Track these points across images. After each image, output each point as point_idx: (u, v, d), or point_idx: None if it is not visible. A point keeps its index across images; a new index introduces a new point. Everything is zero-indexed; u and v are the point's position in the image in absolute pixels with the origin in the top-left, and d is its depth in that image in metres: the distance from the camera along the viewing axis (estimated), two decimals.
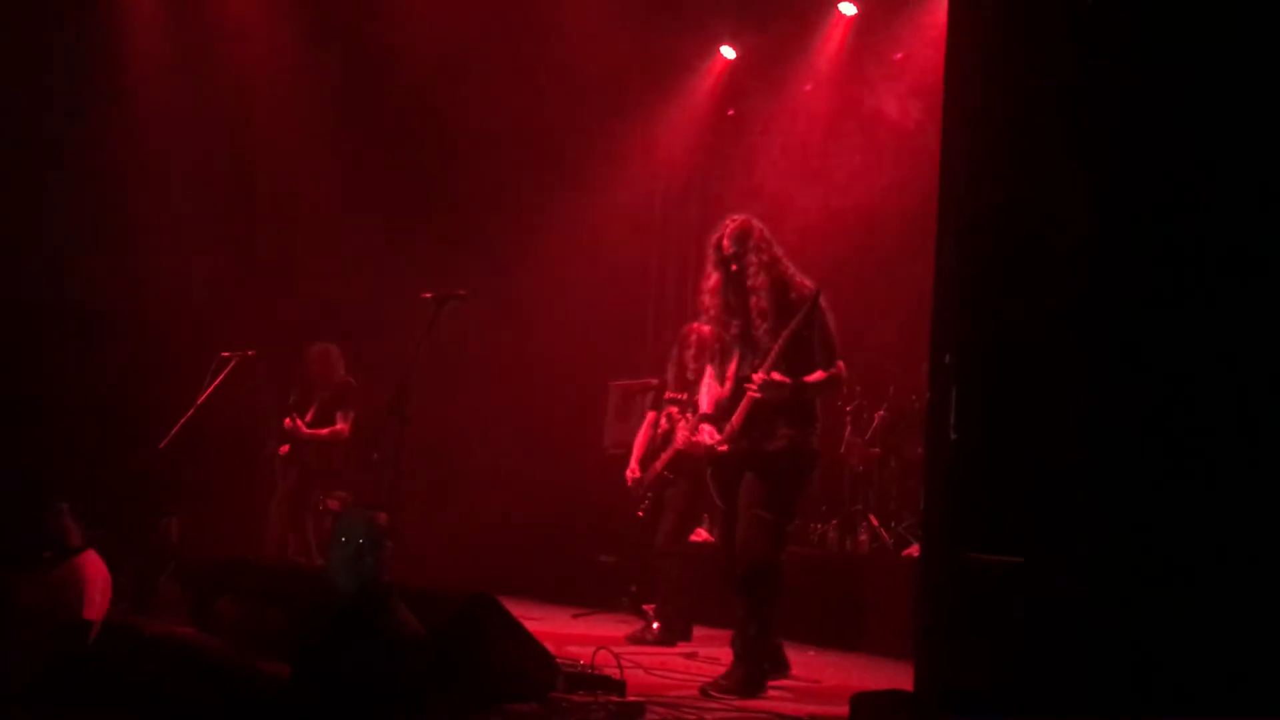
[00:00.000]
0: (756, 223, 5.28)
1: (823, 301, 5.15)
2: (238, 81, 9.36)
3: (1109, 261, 3.85)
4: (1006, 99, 4.26)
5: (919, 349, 5.58)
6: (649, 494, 6.91)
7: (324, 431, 7.70)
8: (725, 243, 5.23)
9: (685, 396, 6.83)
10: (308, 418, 7.77)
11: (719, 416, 5.31)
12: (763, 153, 9.66)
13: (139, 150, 9.02)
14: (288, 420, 7.70)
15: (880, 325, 8.04)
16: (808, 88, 9.39)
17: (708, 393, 5.51)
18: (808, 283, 5.22)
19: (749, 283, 5.16)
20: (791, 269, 5.27)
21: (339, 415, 7.74)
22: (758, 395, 5.05)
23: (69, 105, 8.73)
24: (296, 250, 9.55)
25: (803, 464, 5.23)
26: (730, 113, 10.09)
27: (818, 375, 5.14)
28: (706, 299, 5.32)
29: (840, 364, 5.23)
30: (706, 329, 6.96)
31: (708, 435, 5.29)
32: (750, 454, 5.17)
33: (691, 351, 6.84)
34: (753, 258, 5.17)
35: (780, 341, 5.04)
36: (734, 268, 5.20)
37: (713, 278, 5.28)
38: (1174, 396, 3.53)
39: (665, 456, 6.83)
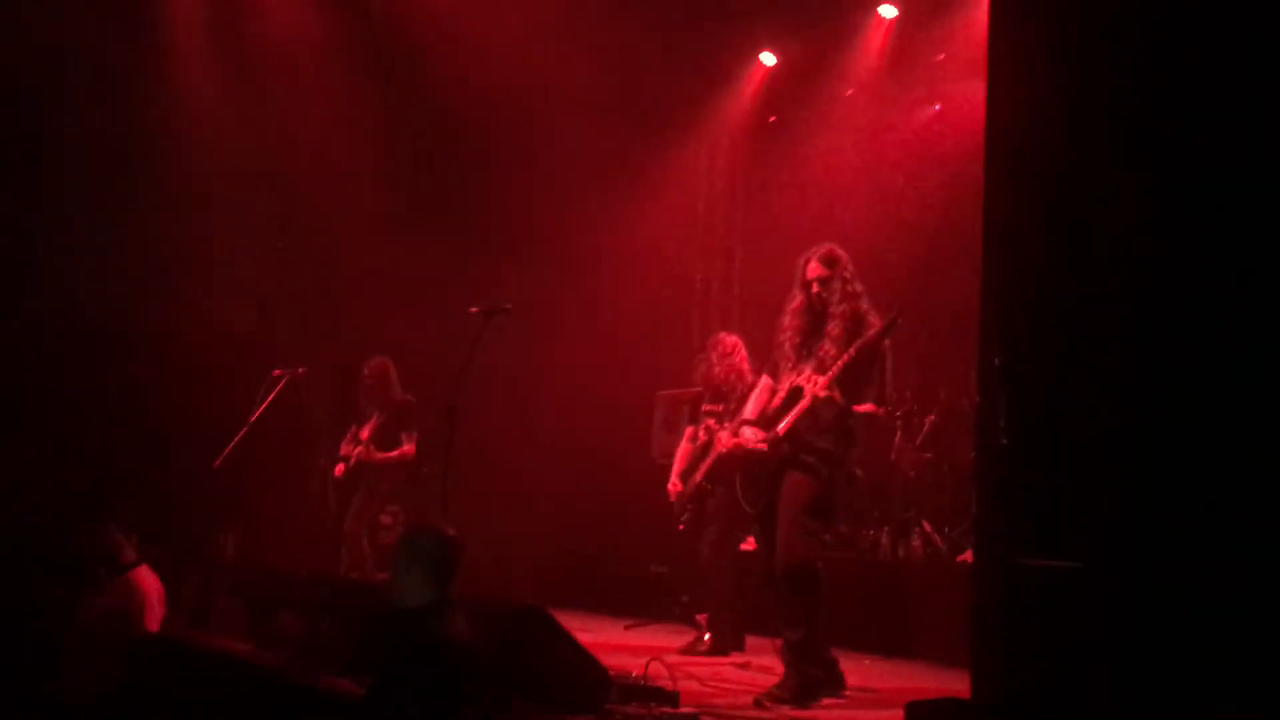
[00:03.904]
0: (842, 252, 5.36)
1: (888, 342, 5.19)
2: (283, 102, 9.45)
3: (1158, 262, 3.80)
4: (1049, 100, 4.22)
5: (968, 352, 5.56)
6: (690, 505, 6.91)
7: (394, 455, 7.71)
8: (815, 265, 5.32)
9: (721, 408, 6.84)
10: (365, 433, 7.81)
11: (762, 423, 5.34)
12: (805, 159, 9.63)
13: (187, 173, 9.13)
14: (359, 449, 7.71)
15: (930, 329, 7.98)
16: (849, 92, 9.35)
17: (756, 402, 5.52)
18: (879, 322, 5.27)
19: (831, 309, 5.25)
20: (868, 305, 5.32)
21: (403, 436, 7.74)
22: (810, 402, 5.08)
23: (108, 125, 8.85)
24: (344, 267, 9.64)
25: (839, 478, 5.28)
26: (772, 119, 10.07)
27: (867, 407, 5.21)
28: (788, 319, 5.37)
29: (884, 407, 5.37)
30: (732, 339, 7.02)
31: (749, 437, 5.31)
32: (790, 459, 5.21)
33: (717, 365, 6.87)
34: (838, 285, 5.27)
35: (849, 353, 5.09)
36: (816, 290, 5.26)
37: (797, 299, 5.35)
38: (1229, 399, 3.47)
39: (704, 467, 6.83)
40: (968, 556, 7.17)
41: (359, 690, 3.70)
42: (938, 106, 8.81)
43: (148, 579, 5.10)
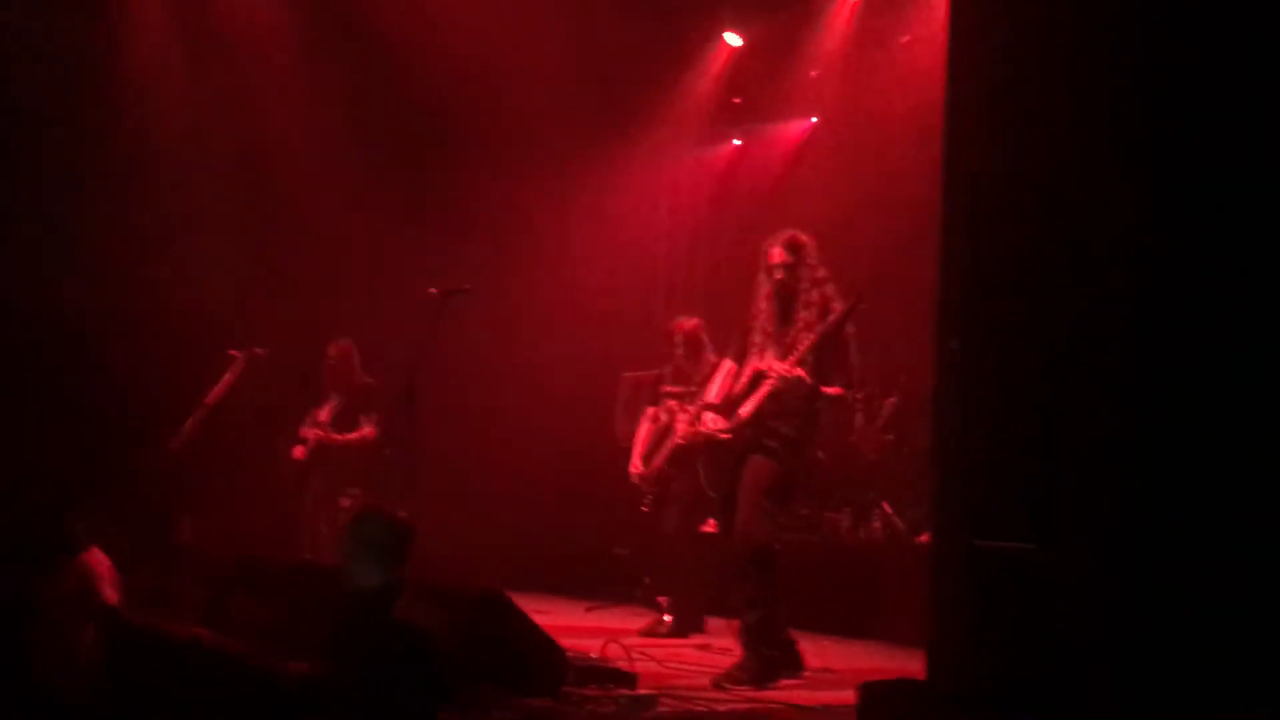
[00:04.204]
0: (805, 237, 5.37)
1: (850, 328, 5.18)
2: (244, 81, 9.33)
3: (1119, 243, 3.82)
4: (1010, 80, 4.23)
5: (929, 335, 5.58)
6: (652, 488, 6.91)
7: (353, 436, 7.68)
8: (778, 251, 5.32)
9: (682, 389, 6.84)
10: (324, 415, 7.76)
11: (726, 408, 5.34)
12: (769, 141, 9.62)
13: (144, 151, 9.00)
14: (319, 431, 7.67)
15: (891, 311, 7.99)
16: (813, 74, 9.34)
17: (720, 386, 5.53)
18: (843, 306, 5.26)
19: (802, 297, 5.25)
20: (833, 290, 5.32)
21: (363, 419, 7.71)
22: (778, 385, 5.08)
23: (75, 108, 8.73)
24: (304, 249, 9.54)
25: (800, 462, 5.30)
26: (736, 100, 10.05)
27: (835, 390, 5.23)
28: (760, 304, 5.37)
29: (850, 390, 5.38)
30: (692, 322, 7.03)
31: (711, 422, 5.32)
32: (752, 442, 5.21)
33: (680, 348, 6.89)
34: (804, 271, 5.28)
35: (814, 337, 5.08)
36: (780, 276, 5.25)
37: (766, 285, 5.36)
38: (1186, 379, 3.49)
39: (665, 450, 6.84)
40: (927, 538, 7.22)
41: (314, 675, 3.67)
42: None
43: (101, 560, 5.04)
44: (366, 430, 7.68)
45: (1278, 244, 3.41)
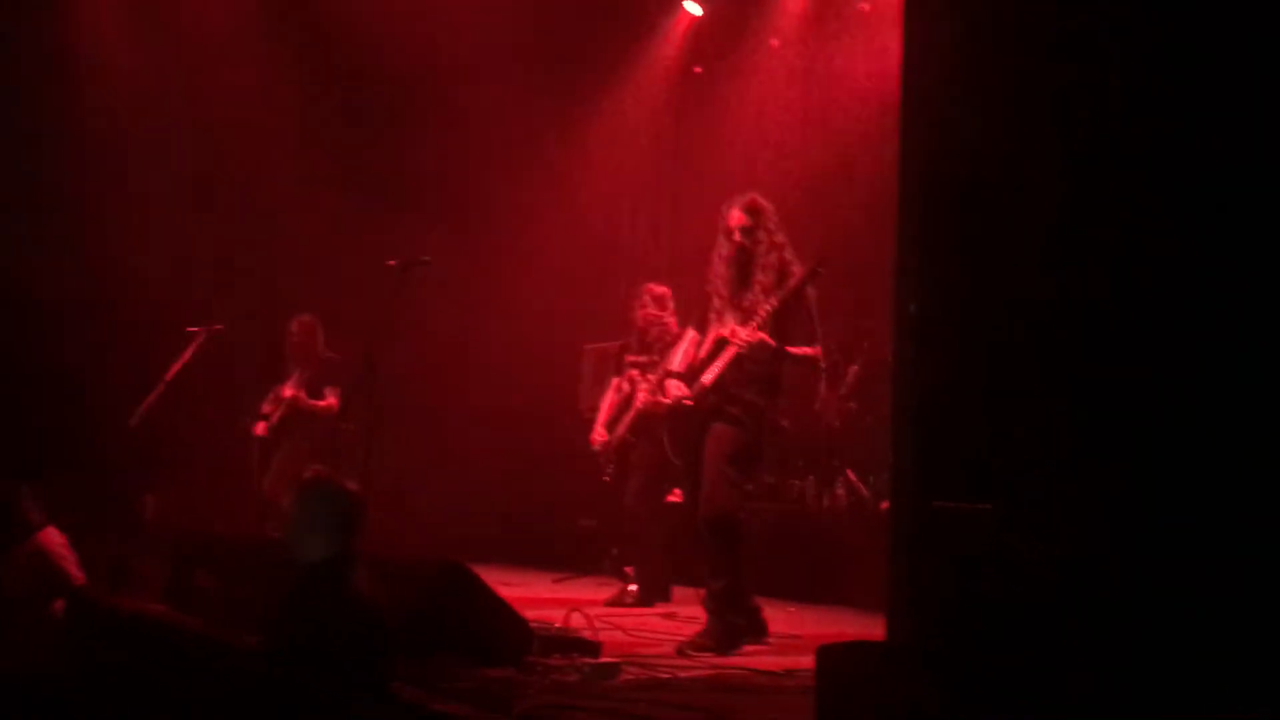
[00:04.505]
0: (765, 202, 5.35)
1: (812, 289, 5.18)
2: (195, 55, 9.22)
3: (1076, 211, 3.82)
4: (966, 49, 4.22)
5: (890, 302, 5.59)
6: (614, 458, 6.91)
7: (320, 405, 7.64)
8: (737, 213, 5.30)
9: (646, 359, 6.83)
10: (287, 391, 7.71)
11: (689, 376, 5.34)
12: (731, 110, 9.60)
13: (99, 130, 8.89)
14: (290, 390, 7.62)
15: (853, 280, 8.00)
16: (774, 43, 9.31)
17: (683, 354, 5.52)
18: (802, 271, 5.25)
19: (760, 260, 5.23)
20: (791, 255, 5.31)
21: (327, 391, 7.66)
22: (742, 349, 5.08)
23: (29, 89, 8.60)
24: (263, 224, 9.45)
25: (763, 429, 5.30)
26: (697, 70, 10.02)
27: (803, 349, 5.22)
28: (717, 268, 5.35)
29: (819, 347, 5.34)
30: (660, 289, 7.01)
31: (675, 389, 5.32)
32: (715, 410, 5.21)
33: (648, 308, 6.87)
34: (762, 235, 5.26)
35: (773, 301, 5.08)
36: (739, 239, 5.24)
37: (725, 248, 5.32)
38: (1144, 341, 3.51)
39: (627, 419, 6.83)
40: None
41: (268, 648, 3.65)
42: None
43: (58, 540, 5.01)
44: (330, 401, 7.65)
45: (1237, 212, 3.42)
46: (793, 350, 5.20)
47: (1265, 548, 3.13)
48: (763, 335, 5.09)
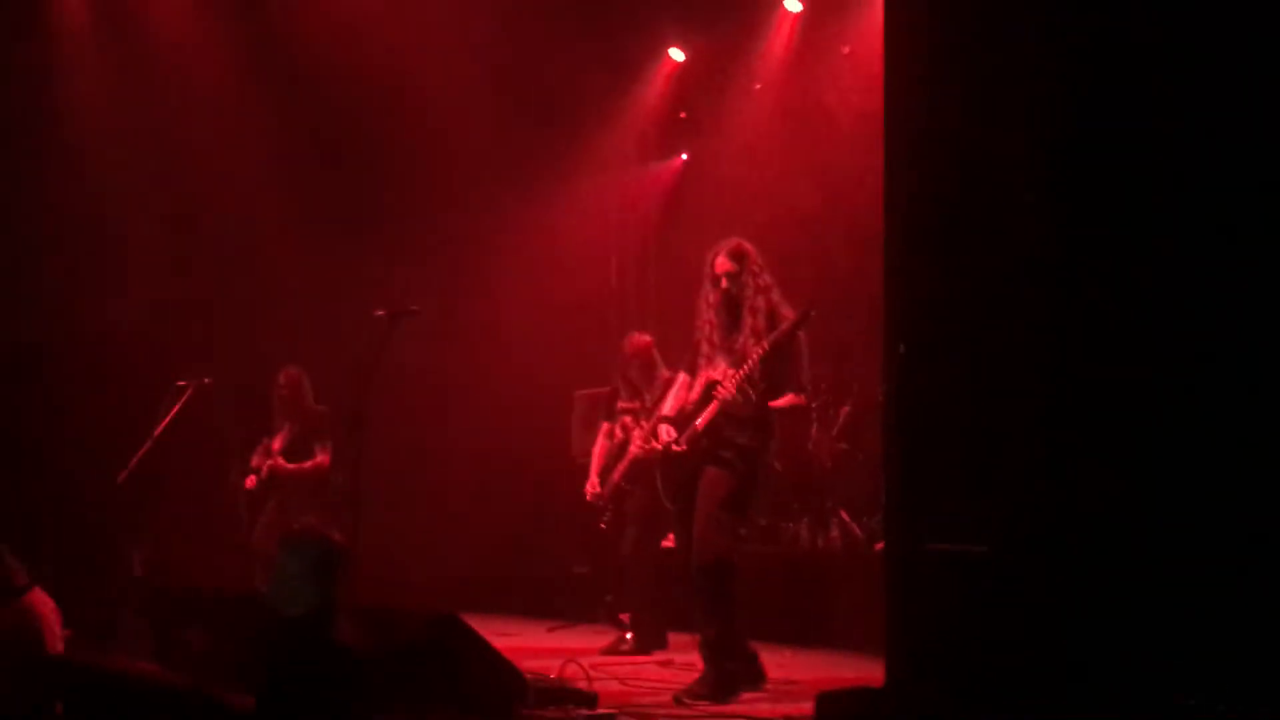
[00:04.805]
0: (749, 246, 5.36)
1: (803, 334, 5.19)
2: (176, 101, 9.20)
3: (1062, 251, 3.83)
4: (948, 87, 4.25)
5: (880, 342, 5.60)
6: (609, 506, 6.87)
7: (308, 465, 7.58)
8: (722, 259, 5.30)
9: (638, 405, 6.82)
10: (276, 444, 7.67)
11: (680, 420, 5.32)
12: (716, 154, 9.64)
13: (73, 175, 8.84)
14: (268, 460, 7.57)
15: (842, 320, 8.01)
16: (757, 86, 9.37)
17: (674, 398, 5.51)
18: (792, 314, 5.25)
19: (748, 304, 5.23)
20: (779, 297, 5.32)
21: (317, 447, 7.62)
22: (727, 396, 5.07)
23: (4, 136, 8.57)
24: (250, 276, 9.43)
25: (757, 471, 5.29)
26: (682, 115, 10.07)
27: (786, 399, 5.23)
28: (707, 315, 5.35)
29: (805, 396, 5.36)
30: (644, 339, 7.02)
31: (665, 434, 5.30)
32: (707, 454, 5.20)
33: (633, 362, 6.87)
34: (748, 280, 5.26)
35: (762, 348, 5.07)
36: (725, 285, 5.24)
37: (712, 294, 5.33)
38: (1130, 389, 3.51)
39: (621, 467, 6.81)
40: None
41: (260, 706, 3.59)
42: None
43: (42, 601, 4.92)
44: (321, 458, 7.60)
45: (1221, 230, 3.43)
46: (776, 405, 5.21)
47: (1263, 569, 3.11)
48: (741, 395, 5.07)
